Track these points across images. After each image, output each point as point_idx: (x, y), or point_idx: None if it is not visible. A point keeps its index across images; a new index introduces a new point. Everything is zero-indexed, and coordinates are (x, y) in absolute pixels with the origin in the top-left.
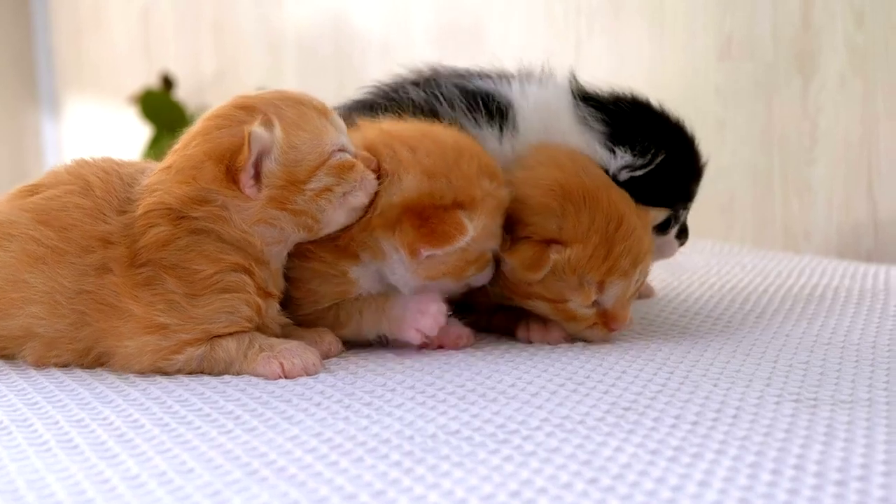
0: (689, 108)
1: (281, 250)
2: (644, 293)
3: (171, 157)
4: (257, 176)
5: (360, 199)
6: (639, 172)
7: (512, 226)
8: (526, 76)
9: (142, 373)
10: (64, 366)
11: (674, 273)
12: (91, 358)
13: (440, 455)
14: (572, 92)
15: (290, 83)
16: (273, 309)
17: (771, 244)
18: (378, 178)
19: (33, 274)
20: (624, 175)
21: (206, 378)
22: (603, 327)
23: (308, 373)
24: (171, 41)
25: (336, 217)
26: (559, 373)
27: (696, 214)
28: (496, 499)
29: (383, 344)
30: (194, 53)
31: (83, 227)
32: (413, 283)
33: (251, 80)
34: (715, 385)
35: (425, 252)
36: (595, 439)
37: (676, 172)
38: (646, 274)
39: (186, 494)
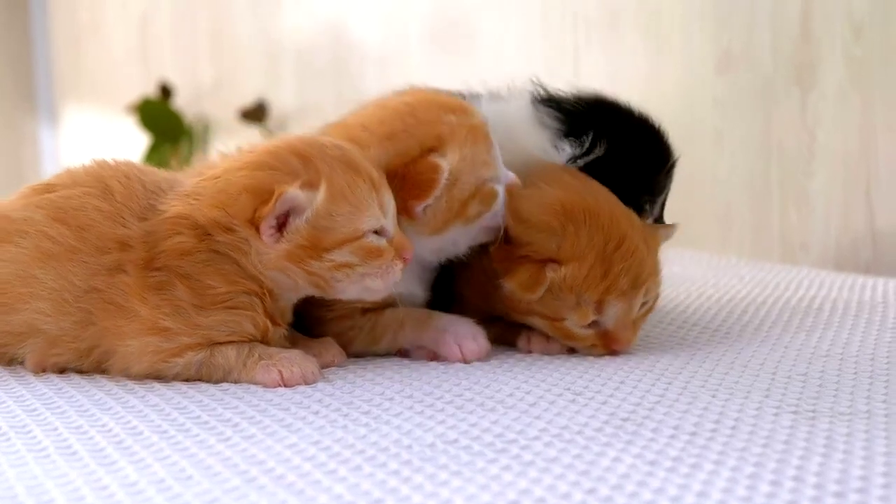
0: (687, 119)
1: (292, 297)
2: None
3: (221, 169)
4: (281, 228)
5: (377, 284)
6: (580, 162)
7: (514, 245)
8: (496, 93)
9: (140, 375)
10: (63, 367)
11: (672, 284)
12: (91, 359)
13: (438, 464)
14: (533, 97)
15: (288, 92)
16: (278, 334)
17: (768, 256)
18: None
19: (44, 270)
20: (579, 162)
21: (205, 386)
22: (603, 347)
23: (307, 381)
24: (169, 50)
25: (349, 291)
26: (558, 382)
27: (694, 225)
28: None
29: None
30: (192, 62)
31: (100, 228)
32: (431, 245)
33: (249, 90)
34: (713, 396)
35: (418, 207)
36: (593, 449)
37: (634, 164)
38: (655, 295)
39: (185, 502)
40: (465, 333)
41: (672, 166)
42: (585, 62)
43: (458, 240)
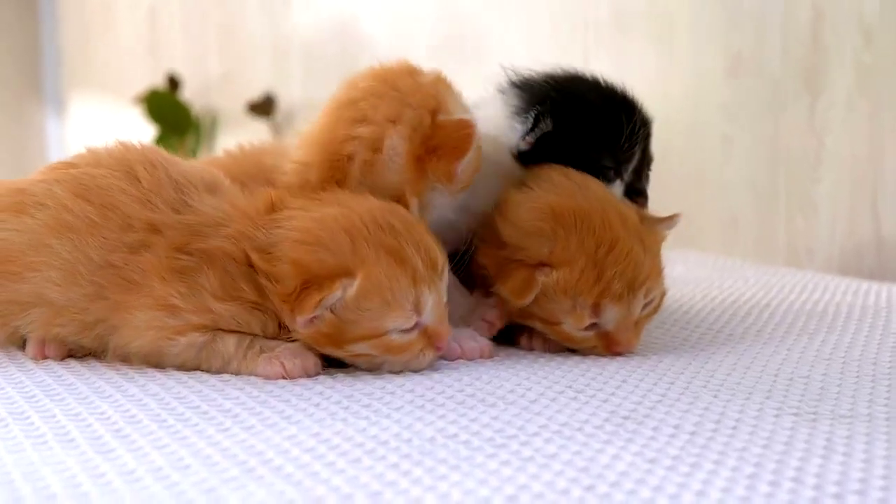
0: (696, 123)
1: None
2: None
3: (279, 206)
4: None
5: (394, 367)
6: (528, 138)
7: (507, 250)
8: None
9: (140, 352)
10: (62, 340)
11: (676, 285)
12: (95, 333)
13: (437, 458)
14: (507, 79)
15: (296, 87)
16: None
17: (773, 260)
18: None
19: (60, 241)
20: (527, 139)
21: (205, 376)
22: (604, 350)
23: (308, 374)
24: (177, 42)
25: (365, 367)
26: (559, 380)
27: (700, 228)
28: (492, 502)
29: None
30: (201, 55)
31: (127, 209)
32: (453, 203)
33: (257, 83)
34: (715, 396)
35: (460, 166)
36: (593, 446)
37: (589, 134)
38: (659, 294)
39: (182, 490)
40: (465, 333)
41: (635, 133)
42: (594, 65)
43: (476, 189)
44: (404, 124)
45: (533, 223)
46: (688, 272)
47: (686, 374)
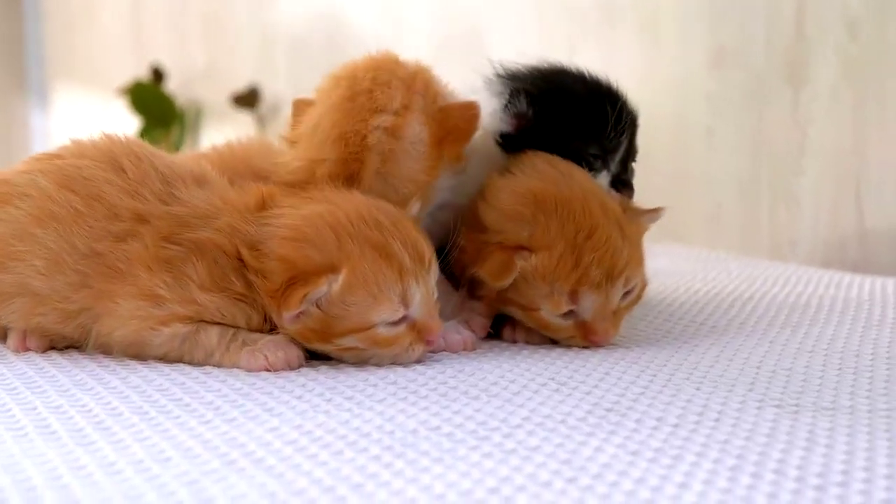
0: (680, 115)
1: None
2: None
3: (269, 204)
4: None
5: (382, 361)
6: (520, 109)
7: (487, 233)
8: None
9: (123, 342)
10: (43, 330)
11: (659, 278)
12: (77, 322)
13: (420, 450)
14: (493, 71)
15: (281, 79)
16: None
17: (757, 252)
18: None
19: (45, 230)
20: (510, 120)
21: (188, 368)
22: (581, 339)
23: (291, 366)
24: (162, 33)
25: (353, 361)
26: (542, 372)
27: (684, 220)
28: (474, 495)
29: None
30: (185, 46)
31: (113, 199)
32: (450, 182)
33: (242, 75)
34: (697, 389)
35: (466, 148)
36: (576, 439)
37: (574, 125)
38: (640, 285)
39: (163, 483)
40: (448, 325)
41: (621, 122)
42: (580, 57)
43: (464, 181)
44: (418, 111)
45: (514, 207)
46: (671, 265)
47: (669, 367)
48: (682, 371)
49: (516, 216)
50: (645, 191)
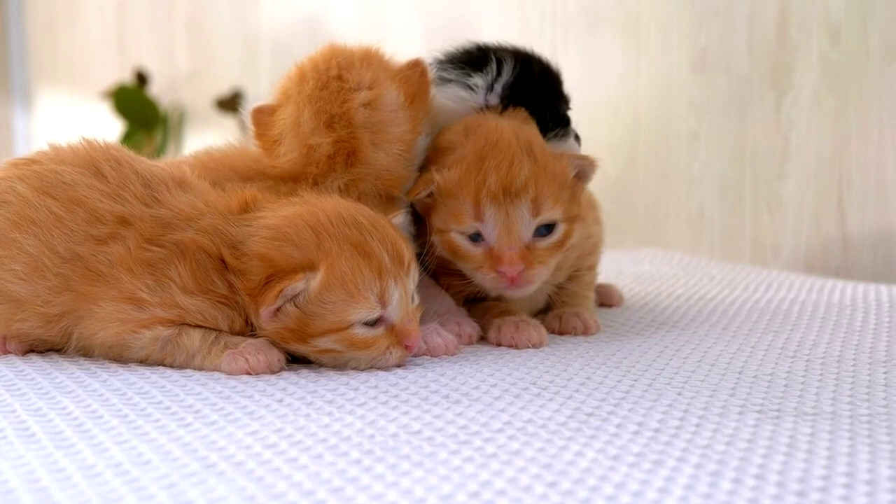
0: (663, 119)
1: None
2: (612, 302)
3: (252, 207)
4: (277, 309)
5: (360, 364)
6: (497, 87)
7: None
8: None
9: (105, 345)
10: (24, 336)
11: (641, 282)
12: (59, 326)
13: (400, 454)
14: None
15: (265, 82)
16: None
17: (739, 258)
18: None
19: (24, 235)
20: (495, 88)
21: (169, 371)
22: (490, 269)
23: (272, 369)
24: (145, 37)
25: (331, 364)
26: (524, 376)
27: (666, 225)
28: (455, 499)
29: None
30: (169, 50)
31: (95, 203)
32: (426, 139)
33: (226, 79)
34: (679, 393)
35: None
36: (556, 443)
37: (552, 81)
38: (563, 230)
39: (142, 486)
40: (429, 329)
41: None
42: (563, 62)
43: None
44: (387, 80)
45: (445, 138)
46: (653, 269)
47: (650, 371)
48: (663, 376)
49: (446, 144)
50: (629, 193)
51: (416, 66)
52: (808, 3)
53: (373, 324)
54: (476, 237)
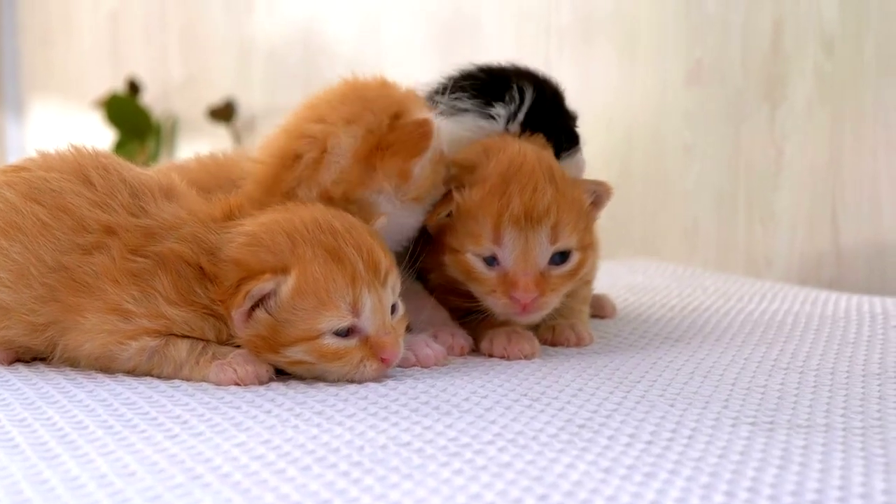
0: (657, 131)
1: None
2: (605, 313)
3: (235, 214)
4: (250, 313)
5: (332, 377)
6: (520, 115)
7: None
8: None
9: (91, 356)
10: (9, 343)
11: (635, 293)
12: (45, 336)
13: (389, 466)
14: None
15: (258, 92)
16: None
17: (733, 269)
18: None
19: (10, 242)
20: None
21: (156, 382)
22: (503, 295)
23: (260, 380)
24: (138, 46)
25: (306, 376)
26: (515, 388)
27: (660, 237)
28: None
29: None
30: (162, 59)
31: (81, 211)
32: (417, 216)
33: (219, 88)
34: (671, 405)
35: (417, 165)
36: (548, 455)
37: (562, 102)
38: (578, 259)
39: (126, 498)
40: (418, 340)
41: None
42: (557, 73)
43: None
44: (359, 125)
45: (466, 157)
46: (647, 280)
47: (643, 383)
48: (655, 387)
49: (467, 163)
50: (623, 205)
51: (418, 126)
52: (802, 15)
53: (345, 334)
54: (491, 260)
